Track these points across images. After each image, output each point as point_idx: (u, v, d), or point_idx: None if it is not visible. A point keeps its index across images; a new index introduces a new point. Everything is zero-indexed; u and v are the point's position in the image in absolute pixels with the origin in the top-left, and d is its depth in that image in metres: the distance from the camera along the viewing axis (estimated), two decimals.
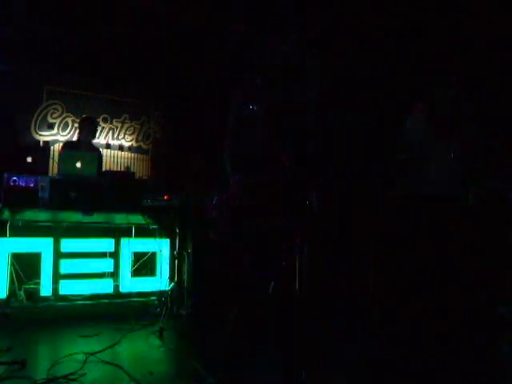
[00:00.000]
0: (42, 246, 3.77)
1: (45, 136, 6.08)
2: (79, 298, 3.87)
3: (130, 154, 6.69)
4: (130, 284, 4.05)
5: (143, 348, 3.14)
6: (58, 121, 6.16)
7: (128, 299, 4.01)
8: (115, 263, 4.03)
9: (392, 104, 3.80)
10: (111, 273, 4.01)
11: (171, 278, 4.15)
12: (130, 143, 6.69)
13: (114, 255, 4.04)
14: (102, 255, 3.99)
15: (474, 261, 2.67)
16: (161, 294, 4.07)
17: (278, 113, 2.05)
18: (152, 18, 5.27)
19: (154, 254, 4.21)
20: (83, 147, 4.62)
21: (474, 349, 2.50)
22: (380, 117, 3.83)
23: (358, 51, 4.07)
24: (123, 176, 4.92)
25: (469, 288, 2.60)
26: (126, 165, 6.53)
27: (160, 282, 4.16)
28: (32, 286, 3.70)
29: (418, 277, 2.77)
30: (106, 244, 4.01)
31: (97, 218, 4.00)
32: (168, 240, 4.25)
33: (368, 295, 2.76)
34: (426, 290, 2.72)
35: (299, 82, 2.11)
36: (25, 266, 3.69)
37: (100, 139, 6.36)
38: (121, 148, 6.62)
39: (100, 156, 4.87)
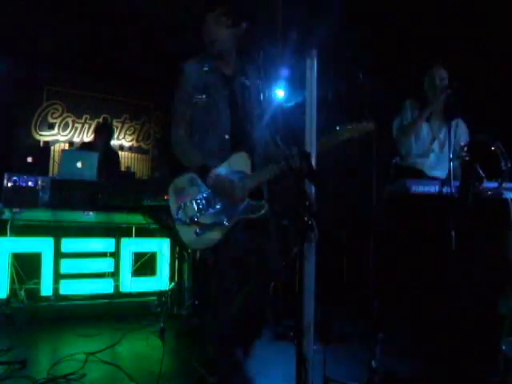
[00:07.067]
0: (42, 245, 3.78)
1: (45, 136, 6.08)
2: (79, 298, 3.87)
3: (130, 154, 6.70)
4: (130, 284, 4.05)
5: (143, 348, 3.13)
6: (58, 121, 6.16)
7: (128, 299, 4.01)
8: (115, 263, 4.03)
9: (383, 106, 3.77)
10: (111, 273, 4.01)
11: (171, 278, 4.14)
12: (130, 143, 6.70)
13: (114, 255, 4.04)
14: (102, 255, 3.99)
15: (473, 261, 2.67)
16: (161, 294, 4.07)
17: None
18: (152, 17, 5.26)
19: (154, 254, 4.21)
20: (100, 150, 4.62)
21: (475, 349, 2.50)
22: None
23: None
24: (123, 176, 4.93)
25: (468, 288, 2.60)
26: (126, 165, 6.54)
27: (160, 281, 4.16)
28: (32, 286, 3.71)
29: (417, 277, 2.77)
30: (106, 244, 4.01)
31: (97, 217, 4.00)
32: (168, 240, 4.25)
33: (368, 295, 2.76)
34: (425, 291, 2.72)
35: None
36: (25, 266, 3.69)
37: None
38: (121, 148, 6.62)
39: (118, 156, 5.12)
